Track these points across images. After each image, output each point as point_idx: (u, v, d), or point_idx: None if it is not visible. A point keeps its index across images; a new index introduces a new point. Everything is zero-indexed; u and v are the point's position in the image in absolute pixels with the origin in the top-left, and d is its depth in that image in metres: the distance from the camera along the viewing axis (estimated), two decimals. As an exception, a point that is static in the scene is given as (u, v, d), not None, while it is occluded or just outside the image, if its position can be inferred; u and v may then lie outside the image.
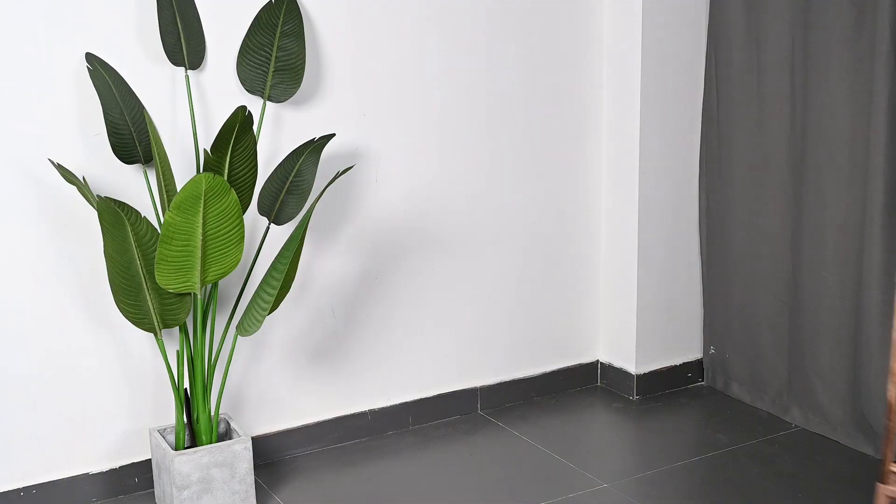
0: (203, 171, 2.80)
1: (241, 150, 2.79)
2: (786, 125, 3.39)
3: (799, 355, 3.46)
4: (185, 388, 2.94)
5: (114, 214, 2.63)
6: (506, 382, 3.66)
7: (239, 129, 2.72)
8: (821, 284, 3.33)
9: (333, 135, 3.08)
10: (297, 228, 2.76)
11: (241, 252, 2.72)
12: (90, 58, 2.78)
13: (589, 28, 3.57)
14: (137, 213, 2.70)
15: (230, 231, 2.68)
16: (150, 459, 3.08)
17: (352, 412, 3.40)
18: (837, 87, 3.19)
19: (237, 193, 2.77)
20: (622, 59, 3.55)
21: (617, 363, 3.79)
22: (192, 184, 2.54)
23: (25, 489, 2.94)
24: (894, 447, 2.64)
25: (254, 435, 3.22)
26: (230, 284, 3.08)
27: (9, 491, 2.92)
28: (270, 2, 2.94)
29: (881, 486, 2.69)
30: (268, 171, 3.04)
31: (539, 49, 3.49)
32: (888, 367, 3.15)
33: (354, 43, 3.16)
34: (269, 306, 2.75)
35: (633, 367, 3.72)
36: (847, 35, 3.14)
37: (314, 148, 3.00)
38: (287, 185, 2.98)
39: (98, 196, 2.68)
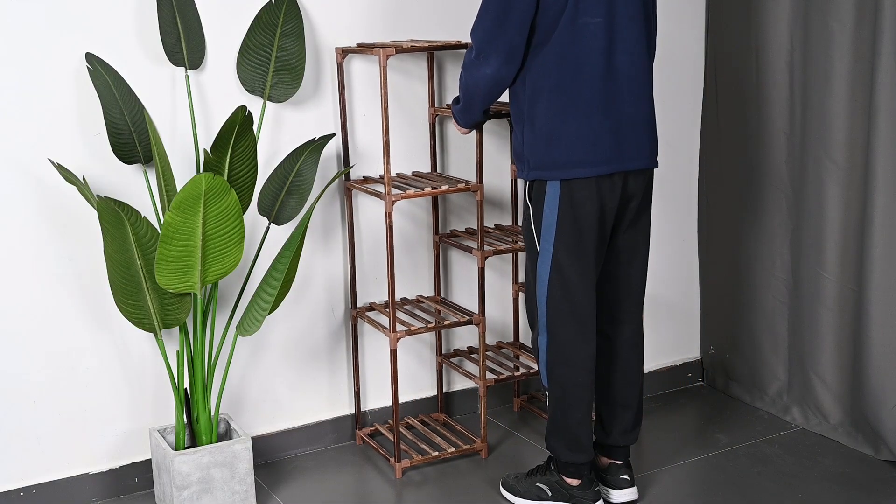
0: (203, 171, 2.80)
1: (241, 150, 2.79)
2: (785, 125, 3.39)
3: (799, 355, 3.46)
4: (185, 388, 2.94)
5: (114, 214, 2.63)
6: (507, 382, 3.65)
7: (239, 129, 2.72)
8: (821, 284, 3.33)
9: (333, 135, 3.08)
10: (297, 228, 2.76)
11: (241, 252, 2.73)
12: (90, 58, 2.78)
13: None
14: (137, 213, 2.70)
15: (230, 231, 2.68)
16: (150, 459, 3.08)
17: (352, 412, 3.40)
18: (837, 87, 3.19)
19: (237, 193, 2.77)
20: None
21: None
22: (192, 184, 2.54)
23: (25, 489, 2.94)
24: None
25: (254, 435, 3.22)
26: (230, 284, 3.08)
27: (9, 491, 2.92)
28: (270, 2, 2.94)
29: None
30: (268, 171, 3.04)
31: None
32: (889, 367, 3.16)
33: (354, 43, 3.16)
34: (269, 306, 2.75)
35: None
36: (847, 35, 3.14)
37: (314, 148, 3.00)
38: (287, 185, 2.98)
39: (98, 196, 2.68)
